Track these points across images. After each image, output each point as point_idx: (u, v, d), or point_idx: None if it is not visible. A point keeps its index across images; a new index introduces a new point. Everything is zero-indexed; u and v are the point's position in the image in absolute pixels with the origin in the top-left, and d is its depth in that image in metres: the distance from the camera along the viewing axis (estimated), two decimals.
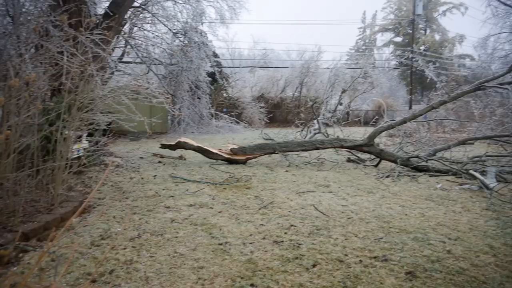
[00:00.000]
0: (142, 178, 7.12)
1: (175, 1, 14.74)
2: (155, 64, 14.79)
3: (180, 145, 8.92)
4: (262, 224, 4.48)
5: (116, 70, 11.33)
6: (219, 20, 17.33)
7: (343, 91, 19.03)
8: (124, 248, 3.66)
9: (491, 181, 6.67)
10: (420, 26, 41.74)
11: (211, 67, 17.37)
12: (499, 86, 7.86)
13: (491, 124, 10.33)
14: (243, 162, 8.74)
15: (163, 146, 9.10)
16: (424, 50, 37.25)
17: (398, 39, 43.18)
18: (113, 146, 10.91)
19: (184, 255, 3.54)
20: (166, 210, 5.01)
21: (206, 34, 18.00)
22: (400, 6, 42.59)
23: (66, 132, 4.60)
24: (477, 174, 6.85)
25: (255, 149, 8.76)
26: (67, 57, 4.38)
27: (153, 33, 14.19)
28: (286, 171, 8.08)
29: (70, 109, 4.56)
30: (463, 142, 9.54)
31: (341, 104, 22.19)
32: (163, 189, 6.19)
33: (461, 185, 6.86)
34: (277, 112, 23.71)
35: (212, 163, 8.74)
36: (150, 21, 14.14)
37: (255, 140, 12.38)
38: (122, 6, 6.06)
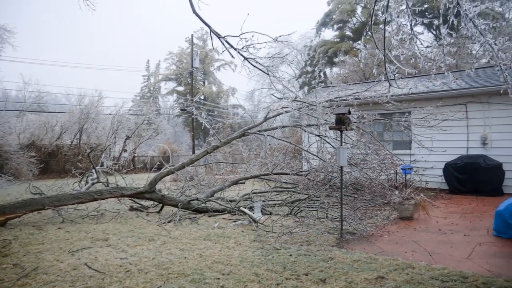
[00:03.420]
0: None
1: None
2: None
3: None
4: None
5: None
6: None
7: (127, 138, 18.78)
8: None
9: (257, 215, 7.62)
10: (199, 78, 45.88)
11: None
12: (258, 133, 9.24)
13: (257, 164, 11.98)
14: (2, 224, 7.27)
15: None
16: (203, 99, 40.83)
17: (181, 88, 46.10)
18: None
19: None
20: None
21: None
22: (181, 58, 45.89)
23: None
24: (246, 210, 7.71)
25: (19, 206, 7.43)
26: None
27: None
28: (59, 228, 7.14)
29: None
30: (236, 182, 10.69)
31: (125, 150, 21.70)
32: None
33: (234, 221, 7.56)
34: (53, 161, 21.10)
35: None
36: None
37: (21, 196, 10.59)
38: None
